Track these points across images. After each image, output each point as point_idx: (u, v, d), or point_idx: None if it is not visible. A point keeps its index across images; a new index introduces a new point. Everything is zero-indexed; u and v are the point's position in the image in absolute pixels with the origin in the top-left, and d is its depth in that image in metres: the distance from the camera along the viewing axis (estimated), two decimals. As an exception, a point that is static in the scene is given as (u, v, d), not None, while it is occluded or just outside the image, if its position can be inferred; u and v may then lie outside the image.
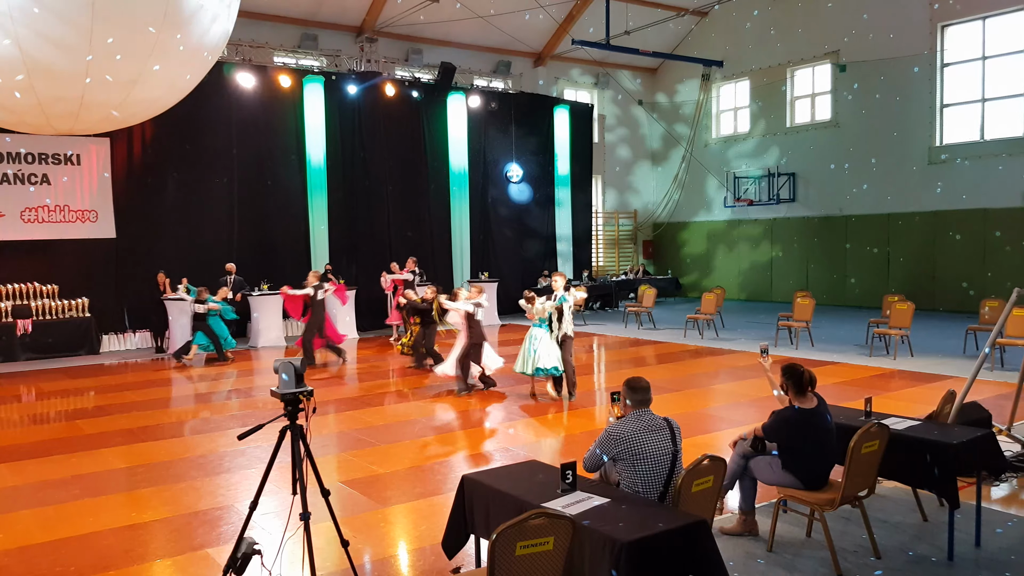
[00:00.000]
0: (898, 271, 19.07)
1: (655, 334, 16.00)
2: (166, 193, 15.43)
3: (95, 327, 14.47)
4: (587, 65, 23.33)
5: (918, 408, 7.46)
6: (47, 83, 8.53)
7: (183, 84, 10.06)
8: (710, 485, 4.18)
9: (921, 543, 5.11)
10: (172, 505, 6.13)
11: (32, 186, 14.28)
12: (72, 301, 14.34)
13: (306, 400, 4.09)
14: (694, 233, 24.38)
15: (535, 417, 9.13)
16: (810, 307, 13.73)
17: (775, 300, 21.45)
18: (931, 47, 18.25)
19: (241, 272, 15.18)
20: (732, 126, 23.55)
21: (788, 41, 21.10)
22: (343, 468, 7.09)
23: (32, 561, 5.10)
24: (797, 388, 4.91)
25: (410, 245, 18.16)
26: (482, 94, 19.64)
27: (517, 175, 20.39)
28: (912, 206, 18.70)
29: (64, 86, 8.63)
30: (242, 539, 4.06)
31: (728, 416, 8.80)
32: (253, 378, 12.08)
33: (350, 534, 4.59)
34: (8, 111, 9.17)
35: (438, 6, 17.95)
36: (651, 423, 4.39)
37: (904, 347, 12.43)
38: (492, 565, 3.14)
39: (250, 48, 16.98)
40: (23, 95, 8.56)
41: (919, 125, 18.55)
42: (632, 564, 3.45)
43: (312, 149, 17.15)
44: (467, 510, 4.46)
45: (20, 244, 14.14)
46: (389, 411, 9.44)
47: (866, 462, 4.77)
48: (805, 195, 21.10)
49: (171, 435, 8.46)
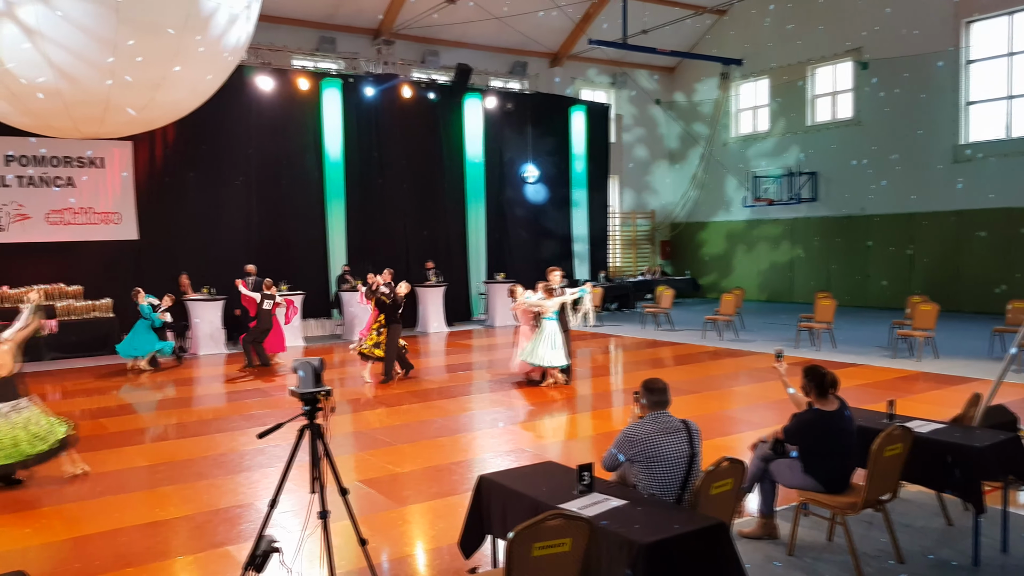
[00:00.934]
0: (922, 271, 18.86)
1: (673, 335, 15.93)
2: (187, 195, 15.57)
3: (119, 327, 14.60)
4: (604, 65, 23.27)
5: (942, 411, 7.36)
6: (73, 87, 8.63)
7: (205, 86, 10.14)
8: (729, 488, 4.15)
9: (945, 548, 5.04)
10: (193, 503, 6.18)
11: (57, 188, 14.45)
12: (96, 302, 14.50)
13: (324, 399, 4.11)
14: (713, 233, 24.25)
15: (553, 418, 9.12)
16: (831, 308, 13.59)
17: (796, 301, 21.28)
18: (955, 43, 18.04)
19: (261, 273, 15.23)
20: (752, 125, 23.40)
21: (809, 38, 20.93)
22: (361, 467, 7.11)
23: (57, 557, 5.17)
24: (819, 390, 4.86)
25: (426, 246, 18.21)
26: (498, 95, 19.64)
27: (533, 176, 20.37)
28: (936, 205, 18.48)
29: (89, 90, 8.72)
30: (262, 537, 4.08)
31: (747, 418, 8.74)
32: (273, 378, 12.15)
33: (368, 533, 4.60)
34: (33, 115, 9.28)
35: (454, 7, 17.97)
36: (668, 425, 4.36)
37: (928, 349, 12.29)
38: (509, 566, 3.13)
39: (269, 51, 17.10)
40: (49, 98, 8.66)
41: (943, 123, 18.34)
42: (650, 566, 3.43)
43: (330, 151, 17.24)
44: (484, 510, 4.46)
45: (46, 246, 14.31)
46: (406, 411, 9.45)
47: (889, 465, 4.72)
48: (826, 194, 20.92)
49: (192, 433, 8.53)
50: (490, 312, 18.68)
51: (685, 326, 17.07)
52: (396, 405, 9.83)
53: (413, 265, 17.84)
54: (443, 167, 18.81)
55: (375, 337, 11.42)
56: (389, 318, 11.39)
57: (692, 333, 15.94)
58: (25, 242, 14.13)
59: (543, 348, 10.50)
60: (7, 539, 5.52)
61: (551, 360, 10.53)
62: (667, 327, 16.92)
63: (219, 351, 14.67)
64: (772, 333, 15.52)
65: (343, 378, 11.97)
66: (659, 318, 17.25)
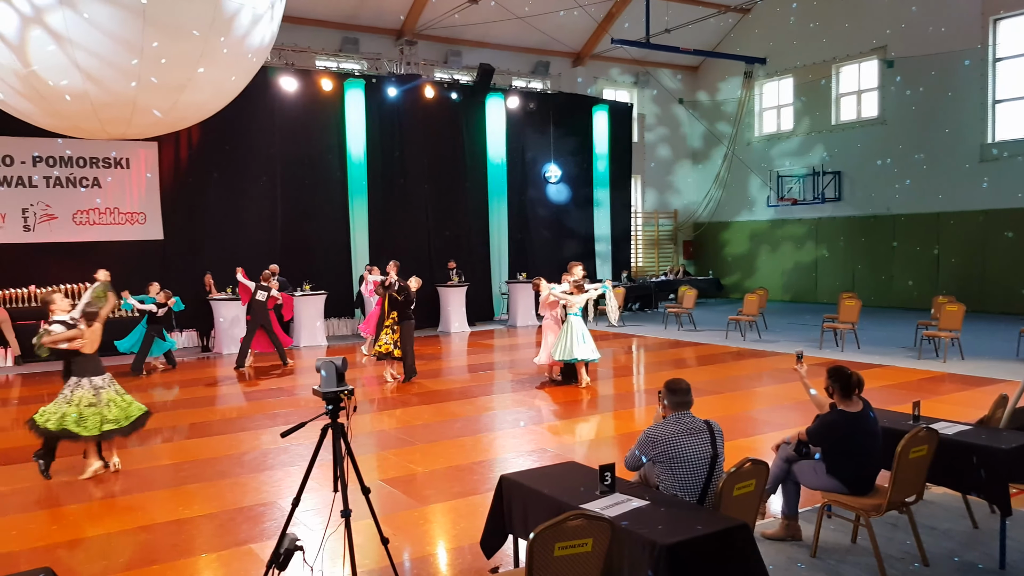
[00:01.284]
0: (948, 271, 18.63)
1: (696, 335, 15.86)
2: (211, 195, 15.71)
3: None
4: (626, 64, 23.20)
5: (968, 412, 7.28)
6: (99, 89, 8.73)
7: (230, 87, 10.22)
8: (752, 489, 4.13)
9: (971, 550, 4.98)
10: (217, 501, 6.24)
11: (83, 189, 14.64)
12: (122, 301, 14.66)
13: (347, 399, 4.13)
14: (736, 233, 24.09)
15: (574, 418, 9.10)
16: (856, 308, 13.45)
17: (820, 301, 21.11)
18: (982, 41, 17.80)
19: (284, 273, 15.40)
20: (775, 124, 23.23)
21: (833, 37, 20.74)
22: (383, 467, 7.15)
23: (84, 554, 5.24)
24: (844, 391, 4.82)
25: (448, 245, 18.26)
26: (520, 95, 19.64)
27: (555, 175, 20.35)
28: (963, 204, 18.25)
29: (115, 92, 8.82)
30: (285, 535, 4.11)
31: (770, 419, 8.68)
32: (296, 377, 12.23)
33: (390, 532, 4.62)
34: (61, 116, 9.40)
35: (476, 8, 18.00)
36: (691, 426, 4.34)
37: (954, 349, 12.14)
38: (530, 565, 3.13)
39: (292, 52, 17.23)
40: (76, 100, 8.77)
41: (970, 122, 18.10)
42: (671, 567, 3.42)
43: (353, 151, 17.33)
44: (506, 510, 4.46)
45: (72, 246, 14.49)
46: (427, 411, 9.48)
47: (914, 467, 4.67)
48: (851, 194, 20.72)
49: (216, 432, 8.61)
50: (512, 312, 18.69)
51: (708, 326, 16.98)
52: (417, 405, 9.86)
53: (435, 265, 17.91)
54: (465, 167, 18.85)
55: (391, 335, 11.19)
56: (402, 315, 11.14)
57: (715, 333, 15.86)
58: (52, 242, 14.32)
59: (573, 343, 10.42)
60: (33, 536, 5.60)
61: (583, 354, 10.42)
62: (690, 327, 16.84)
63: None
64: (796, 334, 15.40)
65: (365, 377, 12.02)
66: (682, 318, 17.18)
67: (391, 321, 11.24)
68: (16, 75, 8.40)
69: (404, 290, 11.08)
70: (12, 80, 8.52)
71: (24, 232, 14.15)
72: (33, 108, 9.23)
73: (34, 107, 9.19)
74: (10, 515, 6.08)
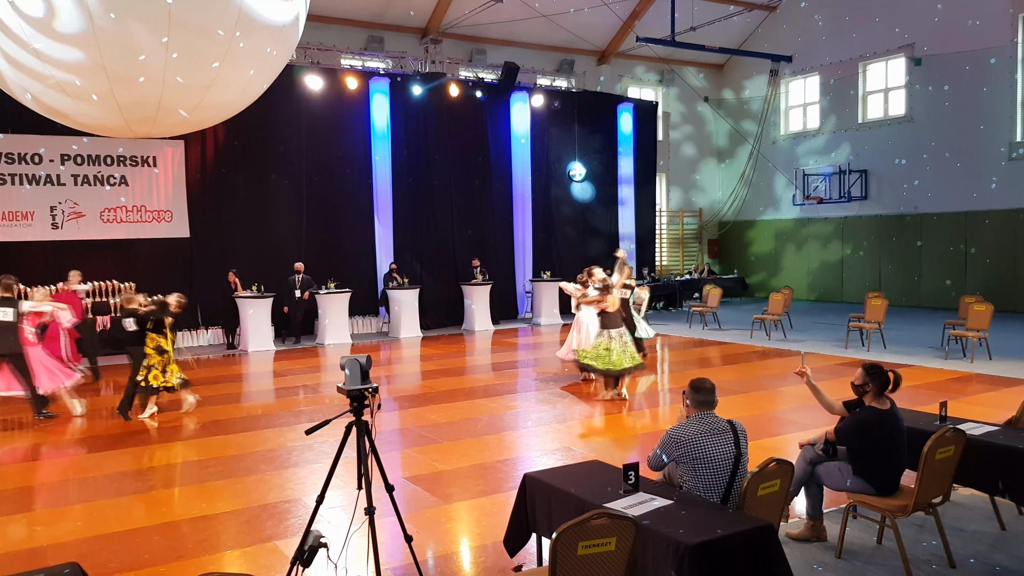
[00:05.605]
0: (976, 270, 18.37)
1: (720, 335, 15.76)
2: (237, 194, 15.85)
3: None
4: (652, 62, 23.09)
5: (996, 413, 7.18)
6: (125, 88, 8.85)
7: (255, 86, 10.30)
8: (776, 489, 4.11)
9: (999, 552, 4.92)
10: (242, 497, 6.30)
11: (110, 187, 14.82)
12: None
13: (371, 396, 4.15)
14: (761, 232, 23.91)
15: (598, 417, 9.09)
16: (883, 308, 13.30)
17: (846, 301, 20.90)
18: (1012, 38, 17.53)
19: (309, 271, 15.54)
20: (802, 122, 23.01)
21: (861, 35, 20.51)
22: (407, 464, 7.18)
23: (110, 549, 5.30)
24: (880, 388, 4.78)
25: (473, 243, 18.28)
26: (545, 93, 19.62)
27: (580, 174, 20.31)
28: (991, 203, 17.98)
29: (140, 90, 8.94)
30: (309, 532, 4.14)
31: (795, 419, 8.62)
32: (320, 374, 12.32)
33: (413, 530, 4.65)
34: (86, 115, 9.53)
35: (501, 6, 18.00)
36: (714, 426, 4.32)
37: (982, 350, 11.98)
38: (554, 564, 3.14)
39: (318, 51, 17.33)
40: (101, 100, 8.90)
41: (999, 120, 17.83)
42: (696, 567, 3.41)
43: (378, 149, 17.42)
44: (529, 509, 4.47)
45: (100, 243, 14.68)
46: (452, 409, 9.51)
47: (941, 468, 4.62)
48: (878, 193, 20.49)
49: (241, 429, 8.70)
50: (536, 310, 18.68)
51: (733, 326, 16.87)
52: (442, 403, 9.89)
53: (460, 263, 17.95)
54: (489, 165, 18.86)
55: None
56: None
57: (740, 333, 15.76)
58: (79, 239, 14.50)
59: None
60: (60, 531, 5.68)
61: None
62: (714, 326, 16.75)
63: (268, 347, 14.90)
64: (821, 333, 15.26)
65: (389, 375, 12.08)
66: (706, 317, 17.09)
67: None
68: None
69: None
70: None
71: (52, 230, 14.35)
72: (65, 109, 9.36)
73: (65, 108, 9.33)
74: (39, 510, 6.19)
